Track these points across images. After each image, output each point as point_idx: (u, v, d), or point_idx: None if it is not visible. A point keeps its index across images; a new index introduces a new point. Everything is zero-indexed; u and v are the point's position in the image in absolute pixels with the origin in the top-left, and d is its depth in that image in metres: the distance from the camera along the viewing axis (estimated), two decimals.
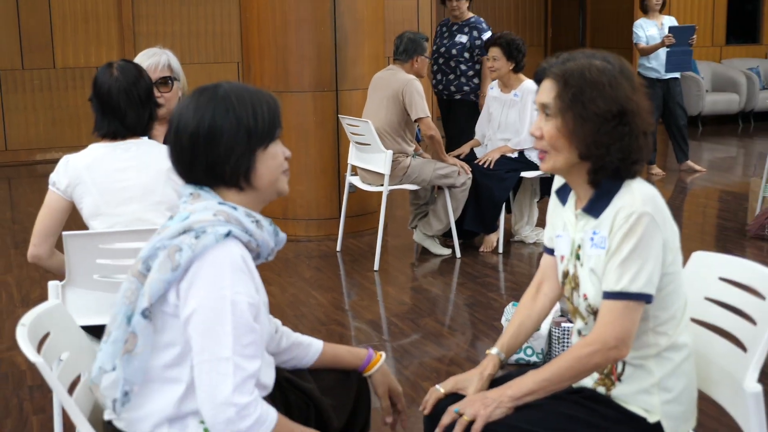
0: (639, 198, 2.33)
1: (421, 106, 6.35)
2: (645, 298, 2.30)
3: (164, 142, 2.32)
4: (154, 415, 2.18)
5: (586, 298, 2.44)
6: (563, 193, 2.59)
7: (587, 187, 2.44)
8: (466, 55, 8.05)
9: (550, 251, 2.67)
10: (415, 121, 6.40)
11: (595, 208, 2.41)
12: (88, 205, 3.36)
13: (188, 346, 2.13)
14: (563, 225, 2.56)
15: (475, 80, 8.11)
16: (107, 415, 2.25)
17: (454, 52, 8.02)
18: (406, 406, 4.06)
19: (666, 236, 2.34)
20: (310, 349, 2.64)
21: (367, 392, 2.73)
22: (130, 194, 3.35)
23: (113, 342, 2.17)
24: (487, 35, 8.08)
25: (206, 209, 2.17)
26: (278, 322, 2.59)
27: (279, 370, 2.55)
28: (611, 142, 2.34)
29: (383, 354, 2.75)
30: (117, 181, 3.35)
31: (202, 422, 2.18)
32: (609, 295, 2.31)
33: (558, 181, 2.61)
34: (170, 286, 2.10)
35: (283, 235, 2.35)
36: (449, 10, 8.21)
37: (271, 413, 2.12)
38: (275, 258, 2.37)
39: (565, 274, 2.54)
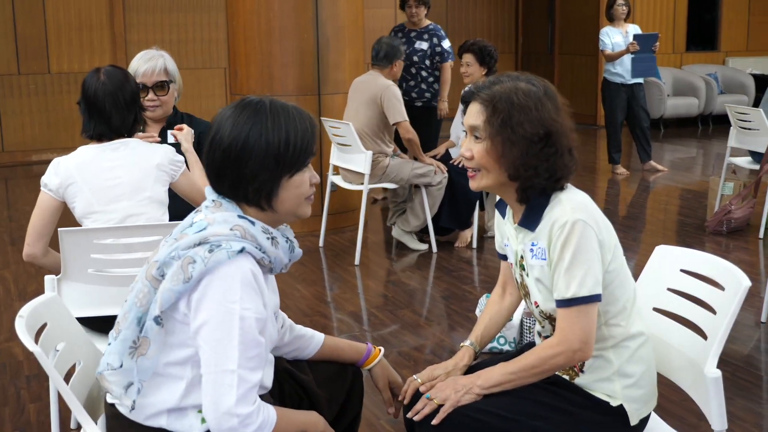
0: (569, 207, 2.33)
1: (399, 111, 6.35)
2: (596, 299, 2.31)
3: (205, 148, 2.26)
4: (155, 406, 2.17)
5: (537, 305, 2.46)
6: (502, 207, 2.59)
7: (517, 204, 2.45)
8: (427, 62, 8.01)
9: (503, 257, 2.69)
10: (393, 125, 6.40)
11: (529, 222, 2.41)
12: (80, 205, 3.34)
13: (194, 351, 2.12)
14: (507, 236, 2.57)
15: (435, 86, 8.08)
16: (110, 399, 2.24)
17: (415, 59, 7.95)
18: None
19: (601, 237, 2.34)
20: (312, 341, 2.63)
21: (360, 387, 2.70)
22: (120, 191, 3.34)
23: (122, 340, 2.15)
24: (445, 42, 8.07)
25: (225, 222, 2.14)
26: (284, 316, 2.57)
27: (279, 360, 2.54)
28: (539, 163, 2.34)
29: (382, 349, 2.73)
30: (107, 180, 3.33)
31: (200, 411, 2.18)
32: (562, 303, 2.32)
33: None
34: (181, 296, 2.08)
35: (299, 251, 2.31)
36: (408, 16, 8.11)
37: (271, 418, 2.11)
38: None
39: (517, 282, 2.56)
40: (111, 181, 3.33)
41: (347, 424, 2.69)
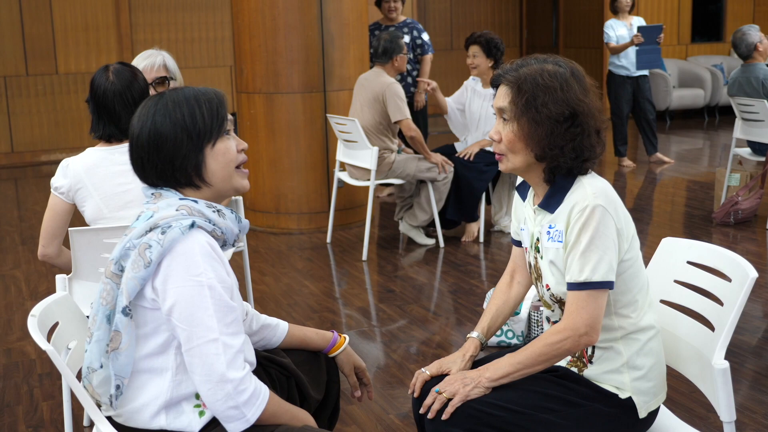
0: (591, 192, 2.34)
1: (401, 109, 6.35)
2: (608, 285, 2.31)
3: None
4: (150, 405, 2.17)
5: (548, 288, 2.46)
6: (523, 190, 2.61)
7: (543, 184, 2.46)
8: (410, 55, 8.01)
9: (518, 243, 2.69)
10: (395, 122, 6.40)
11: (550, 203, 2.42)
12: (90, 210, 3.34)
13: (170, 335, 2.13)
14: (524, 219, 2.58)
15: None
16: (105, 412, 2.24)
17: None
18: (392, 386, 4.08)
19: (619, 225, 2.35)
20: (277, 329, 2.64)
21: (335, 370, 2.74)
22: (130, 197, 3.33)
23: (97, 341, 2.16)
24: (425, 35, 8.08)
25: (169, 206, 2.17)
26: (248, 305, 2.58)
27: (257, 351, 2.56)
28: (564, 143, 2.35)
29: (347, 337, 2.77)
30: (117, 186, 3.33)
31: (197, 405, 2.19)
32: (574, 286, 2.32)
33: (520, 178, 2.62)
34: (145, 282, 2.09)
35: (246, 222, 2.34)
36: (385, 11, 8.12)
37: (264, 388, 2.14)
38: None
39: (530, 265, 2.57)
40: (120, 188, 3.33)
41: (331, 409, 2.74)
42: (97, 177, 3.32)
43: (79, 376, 2.27)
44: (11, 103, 11.04)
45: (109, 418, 2.24)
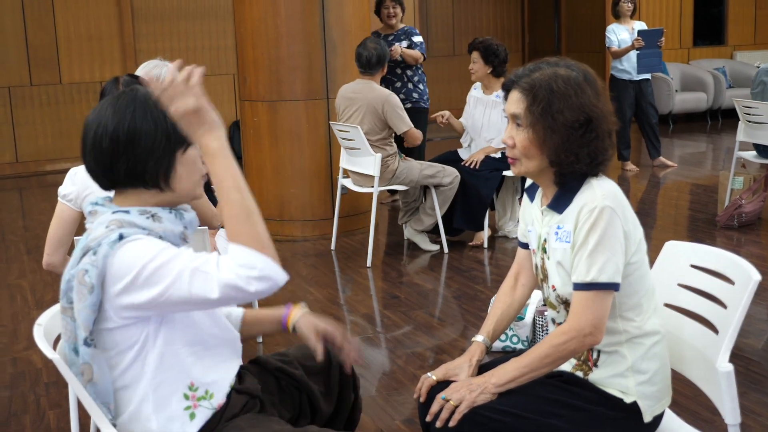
0: (600, 193, 2.35)
1: (404, 120, 6.35)
2: (614, 287, 2.33)
3: (82, 151, 2.22)
4: (140, 414, 2.17)
5: (554, 289, 2.47)
6: (532, 191, 2.62)
7: (553, 186, 2.47)
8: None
9: (524, 245, 2.70)
10: (402, 134, 6.40)
11: (559, 204, 2.43)
12: None
13: (136, 344, 2.11)
14: (532, 221, 2.58)
15: (421, 86, 7.99)
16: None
17: (399, 59, 7.81)
18: (398, 392, 4.08)
19: (627, 227, 2.36)
20: (230, 316, 2.56)
21: (348, 383, 2.67)
22: None
23: (77, 375, 2.15)
24: (417, 37, 7.92)
25: (100, 224, 2.13)
26: (228, 310, 2.55)
27: (270, 361, 2.55)
28: (580, 149, 2.36)
29: (303, 303, 2.66)
30: None
31: (188, 408, 2.19)
32: (580, 286, 2.33)
33: (530, 180, 2.63)
34: (96, 306, 2.06)
35: (190, 215, 2.27)
36: (384, 19, 8.00)
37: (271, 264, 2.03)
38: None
39: (536, 267, 2.57)
40: None
41: (347, 415, 2.70)
42: None
43: None
44: (15, 113, 11.06)
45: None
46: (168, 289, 2.00)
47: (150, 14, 11.55)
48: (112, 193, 2.26)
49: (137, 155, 2.14)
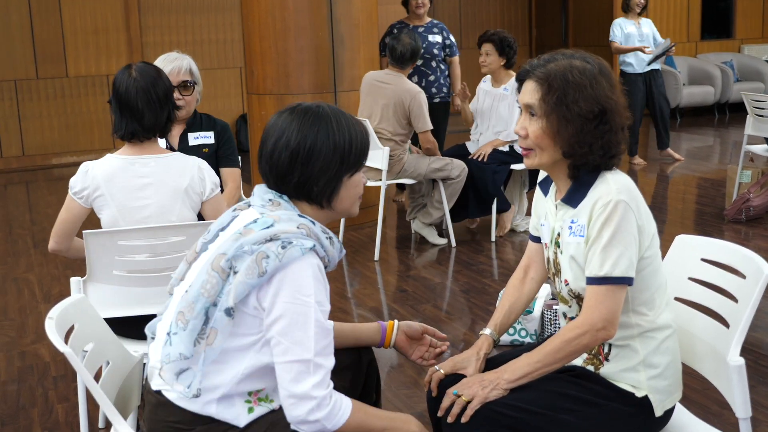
0: (614, 187, 2.34)
1: (427, 120, 6.33)
2: (627, 281, 2.32)
3: (259, 153, 2.32)
4: (208, 393, 2.20)
5: (567, 284, 2.46)
6: (545, 185, 2.61)
7: (566, 179, 2.46)
8: (443, 54, 7.94)
9: (536, 239, 2.70)
10: (421, 133, 6.39)
11: (573, 198, 2.42)
12: (106, 218, 3.33)
13: (254, 340, 2.18)
14: (545, 214, 2.58)
15: (448, 82, 8.00)
16: (156, 386, 2.27)
17: (435, 51, 7.79)
18: (407, 385, 4.08)
19: (641, 222, 2.35)
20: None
21: (375, 373, 2.74)
22: (147, 213, 3.31)
23: (191, 330, 2.17)
24: (452, 36, 7.99)
25: (290, 220, 2.22)
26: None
27: None
28: (594, 141, 2.36)
29: (396, 321, 2.79)
30: (135, 199, 3.30)
31: (248, 401, 2.23)
32: (594, 280, 2.32)
33: (543, 173, 2.63)
34: (253, 289, 2.14)
35: (344, 251, 2.41)
36: (413, 8, 7.92)
37: (346, 401, 2.19)
38: None
39: (548, 261, 2.57)
40: (138, 201, 3.30)
41: None
42: (115, 187, 3.29)
43: (96, 378, 2.28)
44: (22, 106, 11.09)
45: (158, 392, 2.26)
46: (280, 343, 2.13)
47: (157, 7, 11.56)
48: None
49: (310, 173, 2.25)
